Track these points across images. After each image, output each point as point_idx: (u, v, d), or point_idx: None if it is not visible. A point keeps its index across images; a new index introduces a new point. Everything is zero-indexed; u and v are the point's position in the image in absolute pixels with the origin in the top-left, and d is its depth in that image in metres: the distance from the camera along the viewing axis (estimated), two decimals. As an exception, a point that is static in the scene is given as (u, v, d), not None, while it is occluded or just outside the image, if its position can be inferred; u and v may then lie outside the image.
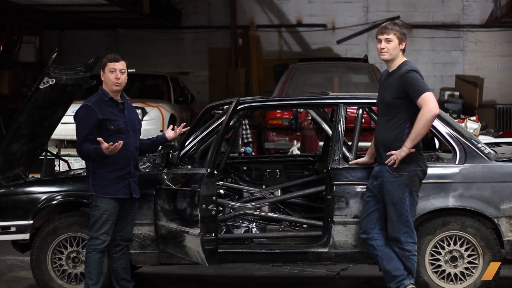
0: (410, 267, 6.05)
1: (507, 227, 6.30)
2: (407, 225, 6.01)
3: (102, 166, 6.20)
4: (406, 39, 6.13)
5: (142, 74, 15.55)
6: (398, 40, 6.05)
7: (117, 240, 6.38)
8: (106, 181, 6.20)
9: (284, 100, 8.43)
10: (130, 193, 6.28)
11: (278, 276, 7.59)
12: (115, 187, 6.21)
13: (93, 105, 6.22)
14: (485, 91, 17.73)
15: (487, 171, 6.35)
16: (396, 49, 6.05)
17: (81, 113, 6.25)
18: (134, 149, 6.34)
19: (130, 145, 6.29)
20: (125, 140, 6.23)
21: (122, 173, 6.23)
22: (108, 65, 6.28)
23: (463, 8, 18.29)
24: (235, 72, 18.21)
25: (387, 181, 6.01)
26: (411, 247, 6.04)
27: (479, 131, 9.28)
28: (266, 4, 18.59)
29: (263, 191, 7.38)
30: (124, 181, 6.25)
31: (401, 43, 6.07)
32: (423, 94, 5.88)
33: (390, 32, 6.05)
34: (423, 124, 5.86)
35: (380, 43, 6.07)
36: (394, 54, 6.06)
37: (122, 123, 6.27)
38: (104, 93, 6.29)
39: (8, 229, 6.66)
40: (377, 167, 6.14)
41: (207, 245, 6.12)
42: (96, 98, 6.27)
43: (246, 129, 11.76)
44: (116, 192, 6.21)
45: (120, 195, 6.23)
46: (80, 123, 6.22)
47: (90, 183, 6.25)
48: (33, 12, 15.22)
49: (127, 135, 6.29)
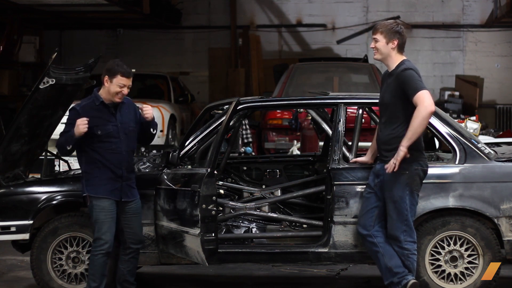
0: (409, 266, 6.04)
1: (507, 227, 6.30)
2: (407, 224, 6.01)
3: (94, 168, 6.20)
4: (400, 37, 6.04)
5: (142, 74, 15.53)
6: (386, 39, 6.01)
7: (128, 243, 6.34)
8: (98, 181, 6.19)
9: (284, 100, 8.43)
10: (120, 196, 6.26)
11: (278, 276, 7.60)
12: (107, 188, 6.20)
13: (81, 110, 6.21)
14: (485, 91, 17.73)
15: (487, 171, 6.35)
16: (384, 48, 6.03)
17: (69, 115, 6.28)
18: (126, 152, 6.27)
19: (121, 148, 6.24)
20: (116, 145, 6.21)
21: (112, 175, 6.22)
22: (118, 78, 6.17)
23: (463, 8, 18.30)
24: (235, 72, 18.21)
25: (388, 180, 6.01)
26: (410, 246, 6.03)
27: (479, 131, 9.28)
28: (266, 4, 18.59)
29: (263, 191, 7.38)
30: (116, 184, 6.23)
31: (390, 42, 6.02)
32: (418, 92, 5.85)
33: (377, 31, 6.04)
34: (419, 122, 5.83)
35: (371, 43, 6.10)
36: (383, 53, 6.04)
37: (111, 127, 6.22)
38: (96, 97, 6.26)
39: (8, 229, 6.66)
40: (379, 165, 6.13)
41: (207, 245, 6.12)
42: (86, 103, 6.26)
43: (246, 129, 11.77)
44: (108, 193, 6.20)
45: (111, 197, 6.22)
46: (65, 124, 6.25)
47: (83, 184, 6.26)
48: (33, 12, 15.22)
49: (118, 139, 6.24)
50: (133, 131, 6.38)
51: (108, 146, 6.20)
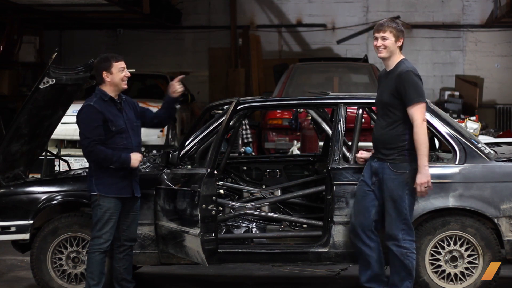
0: (408, 265, 6.02)
1: (507, 227, 6.30)
2: (405, 223, 6.00)
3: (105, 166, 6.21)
4: (404, 36, 6.10)
5: (142, 74, 15.54)
6: (395, 37, 6.03)
7: (122, 241, 6.37)
8: (110, 180, 6.19)
9: (284, 100, 8.43)
10: (132, 192, 6.29)
11: (278, 276, 7.60)
12: (118, 186, 6.21)
13: (95, 104, 6.19)
14: (485, 91, 17.74)
15: (487, 171, 6.35)
16: (392, 46, 6.04)
17: (84, 113, 6.18)
18: (135, 148, 6.33)
19: (132, 144, 6.30)
20: (127, 140, 6.24)
21: (124, 172, 6.23)
22: (115, 65, 6.23)
23: (463, 8, 18.30)
24: (235, 72, 18.22)
25: (387, 178, 6.00)
26: (409, 244, 6.02)
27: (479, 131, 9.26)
28: (266, 4, 18.60)
29: (263, 191, 7.38)
30: (126, 180, 6.26)
31: (398, 40, 6.05)
32: (413, 105, 5.89)
33: (387, 29, 6.04)
34: (422, 137, 5.86)
35: (377, 41, 6.07)
36: (390, 51, 6.05)
37: (122, 123, 6.26)
38: (102, 93, 6.25)
39: (8, 229, 6.65)
40: (376, 163, 6.11)
41: (207, 245, 6.12)
42: (97, 98, 6.24)
43: (246, 129, 11.77)
44: (119, 191, 6.21)
45: (123, 194, 6.24)
46: (86, 123, 6.15)
47: (93, 183, 6.24)
48: (33, 12, 15.23)
49: (127, 134, 6.29)
50: (138, 127, 6.45)
51: (120, 142, 6.21)
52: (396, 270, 6.09)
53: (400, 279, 6.07)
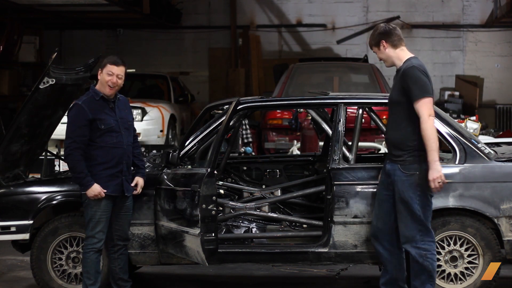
0: (428, 267, 5.90)
1: (507, 227, 6.30)
2: (421, 224, 5.89)
3: (94, 165, 6.23)
4: (385, 35, 5.97)
5: (142, 74, 15.56)
6: (377, 46, 6.00)
7: (115, 240, 6.39)
8: (98, 179, 6.21)
9: (284, 100, 8.42)
10: (122, 190, 6.29)
11: (278, 276, 7.60)
12: (107, 185, 6.22)
13: (83, 104, 6.23)
14: (485, 91, 17.74)
15: (487, 171, 6.34)
16: (383, 54, 6.02)
17: (71, 112, 6.28)
18: (126, 146, 6.33)
19: (122, 143, 6.30)
20: (117, 139, 6.26)
21: (114, 171, 6.25)
22: (107, 67, 6.30)
23: (463, 8, 18.30)
24: (235, 72, 18.22)
25: (398, 180, 5.93)
26: (428, 245, 5.91)
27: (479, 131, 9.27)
28: (266, 4, 18.60)
29: (263, 191, 7.38)
30: (116, 179, 6.27)
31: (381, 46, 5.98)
32: (418, 100, 5.81)
33: (373, 46, 6.07)
34: (429, 132, 5.76)
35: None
36: (387, 59, 6.03)
37: (113, 122, 6.27)
38: (95, 92, 6.30)
39: (8, 229, 6.66)
40: (389, 165, 6.04)
41: (207, 245, 6.12)
42: (87, 97, 6.29)
43: (246, 129, 11.77)
44: (108, 190, 6.22)
45: (112, 193, 6.25)
46: (71, 122, 6.24)
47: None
48: (33, 12, 15.23)
49: (119, 133, 6.30)
50: (131, 126, 6.48)
51: (109, 140, 6.24)
52: (416, 273, 5.96)
53: (421, 283, 5.94)
